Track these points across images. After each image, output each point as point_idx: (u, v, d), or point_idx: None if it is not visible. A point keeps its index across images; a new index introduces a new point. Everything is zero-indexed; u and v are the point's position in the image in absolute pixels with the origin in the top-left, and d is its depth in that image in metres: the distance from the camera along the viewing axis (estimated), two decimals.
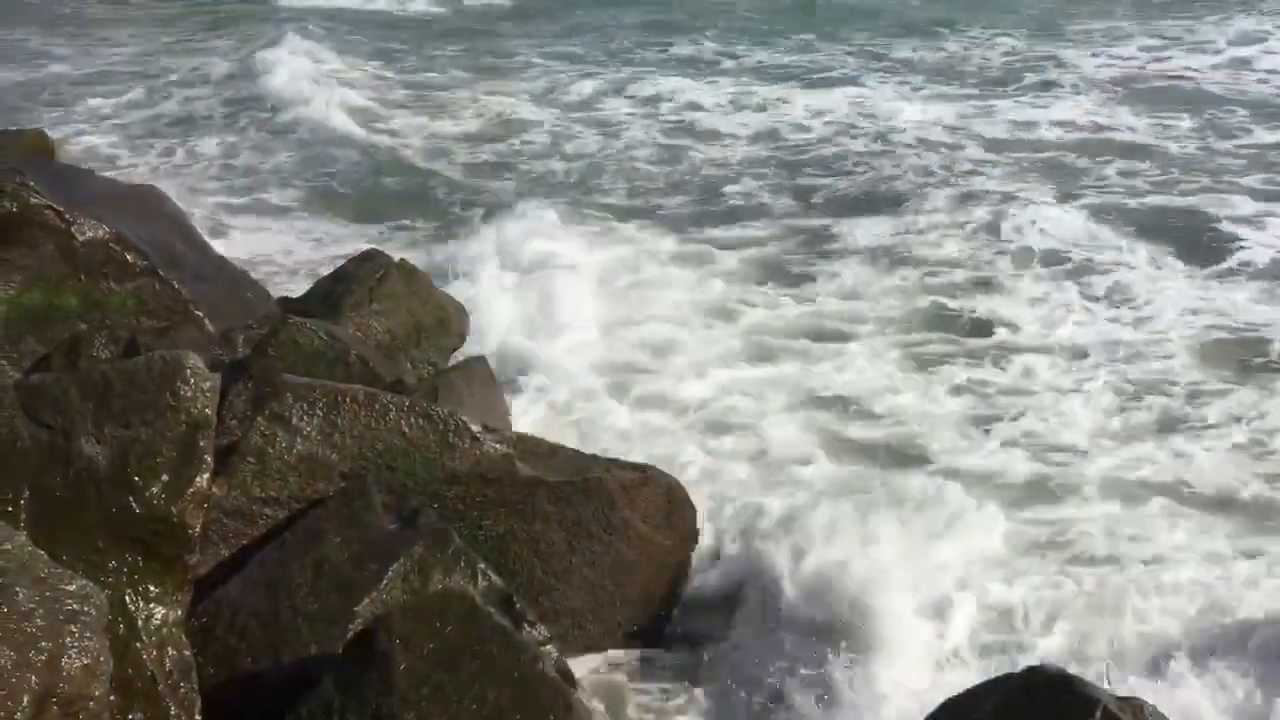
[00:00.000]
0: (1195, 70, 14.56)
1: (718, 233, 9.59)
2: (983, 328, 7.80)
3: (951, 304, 8.13)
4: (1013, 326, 7.79)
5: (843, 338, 7.70)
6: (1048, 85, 13.98)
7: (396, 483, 4.69)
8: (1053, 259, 8.81)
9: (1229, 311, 7.94)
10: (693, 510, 5.37)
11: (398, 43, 17.23)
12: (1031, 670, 3.50)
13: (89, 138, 12.17)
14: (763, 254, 9.11)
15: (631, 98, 13.81)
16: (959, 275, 8.57)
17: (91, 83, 14.65)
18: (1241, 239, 9.13)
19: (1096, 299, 8.15)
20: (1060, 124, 12.38)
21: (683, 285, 8.36)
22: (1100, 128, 12.24)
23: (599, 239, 9.29)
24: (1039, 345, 7.52)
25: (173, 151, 11.82)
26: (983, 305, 8.09)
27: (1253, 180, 10.48)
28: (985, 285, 8.41)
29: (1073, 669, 3.75)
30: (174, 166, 11.36)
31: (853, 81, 14.46)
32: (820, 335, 7.72)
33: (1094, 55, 15.45)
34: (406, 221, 10.00)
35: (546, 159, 11.64)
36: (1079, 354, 7.41)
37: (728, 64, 15.64)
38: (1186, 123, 12.26)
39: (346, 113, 12.83)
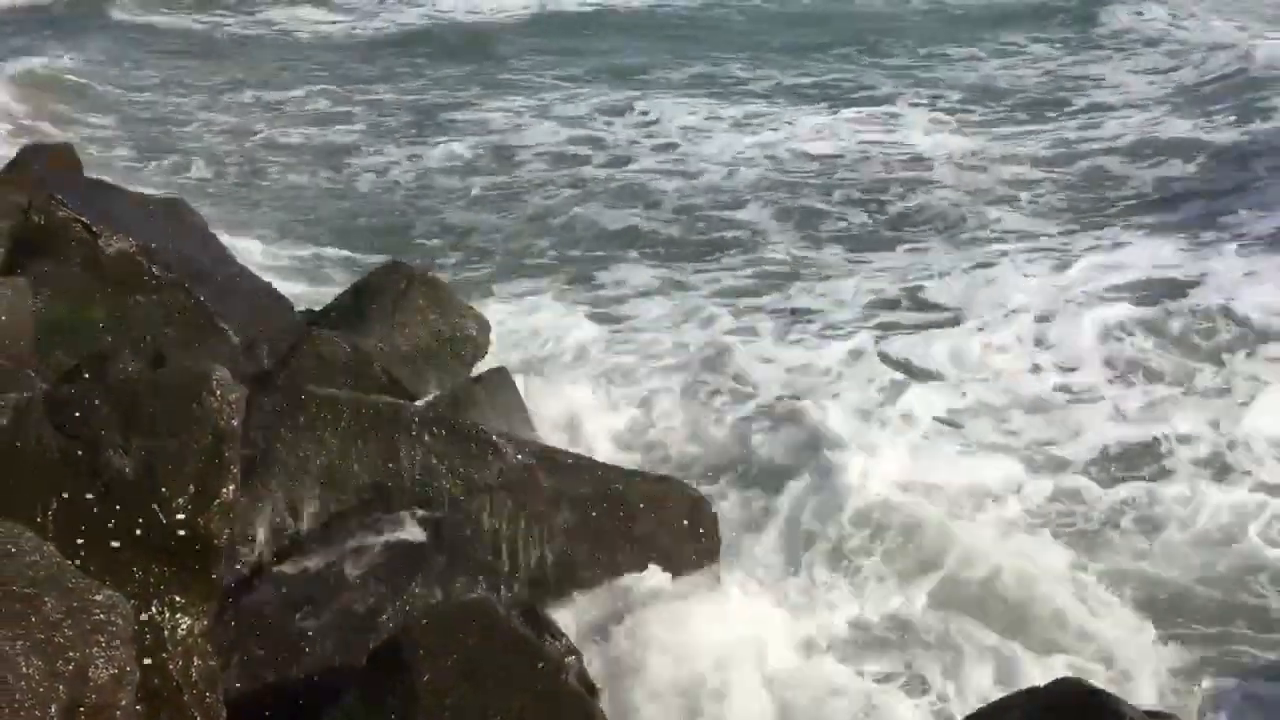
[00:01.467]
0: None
1: (709, 269, 9.21)
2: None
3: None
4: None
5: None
6: (1089, 107, 13.36)
7: (419, 494, 4.70)
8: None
9: None
10: (715, 522, 5.36)
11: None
12: (1058, 683, 3.48)
13: None
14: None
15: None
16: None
17: None
18: None
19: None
20: (1104, 150, 11.79)
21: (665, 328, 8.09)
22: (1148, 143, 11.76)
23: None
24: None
25: None
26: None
27: None
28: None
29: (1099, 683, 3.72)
30: None
31: (883, 101, 14.02)
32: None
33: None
34: None
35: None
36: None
37: (754, 85, 15.10)
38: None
39: None
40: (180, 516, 3.47)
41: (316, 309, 7.06)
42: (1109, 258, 8.95)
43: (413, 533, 4.43)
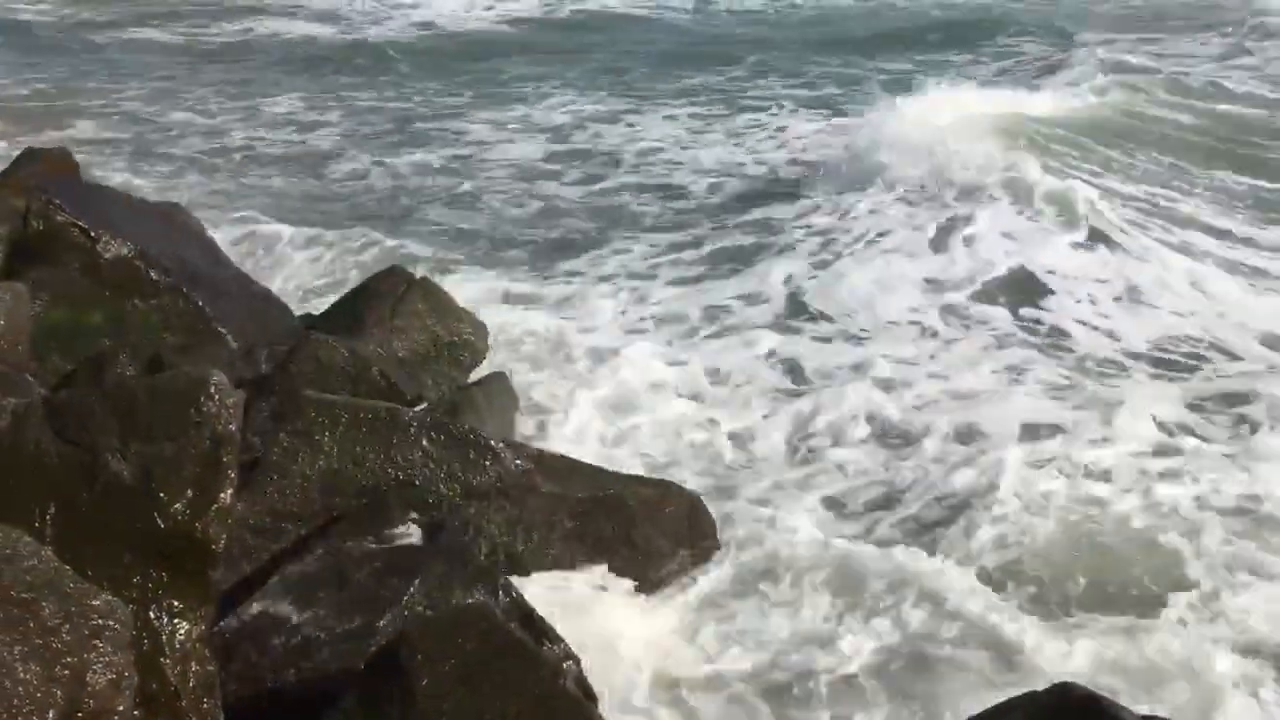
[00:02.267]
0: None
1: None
2: None
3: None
4: None
5: None
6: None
7: (417, 498, 4.70)
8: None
9: None
10: (713, 525, 5.36)
11: None
12: (1058, 687, 3.47)
13: None
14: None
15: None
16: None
17: None
18: None
19: None
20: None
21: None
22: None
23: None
24: None
25: None
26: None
27: None
28: None
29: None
30: None
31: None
32: None
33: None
34: None
35: None
36: None
37: (751, 93, 14.94)
38: None
39: None
40: (178, 521, 3.47)
41: (314, 313, 7.06)
42: None
43: (411, 537, 4.43)
